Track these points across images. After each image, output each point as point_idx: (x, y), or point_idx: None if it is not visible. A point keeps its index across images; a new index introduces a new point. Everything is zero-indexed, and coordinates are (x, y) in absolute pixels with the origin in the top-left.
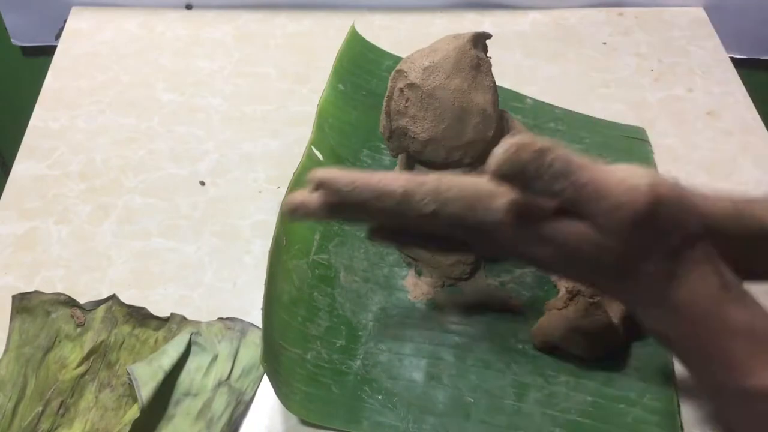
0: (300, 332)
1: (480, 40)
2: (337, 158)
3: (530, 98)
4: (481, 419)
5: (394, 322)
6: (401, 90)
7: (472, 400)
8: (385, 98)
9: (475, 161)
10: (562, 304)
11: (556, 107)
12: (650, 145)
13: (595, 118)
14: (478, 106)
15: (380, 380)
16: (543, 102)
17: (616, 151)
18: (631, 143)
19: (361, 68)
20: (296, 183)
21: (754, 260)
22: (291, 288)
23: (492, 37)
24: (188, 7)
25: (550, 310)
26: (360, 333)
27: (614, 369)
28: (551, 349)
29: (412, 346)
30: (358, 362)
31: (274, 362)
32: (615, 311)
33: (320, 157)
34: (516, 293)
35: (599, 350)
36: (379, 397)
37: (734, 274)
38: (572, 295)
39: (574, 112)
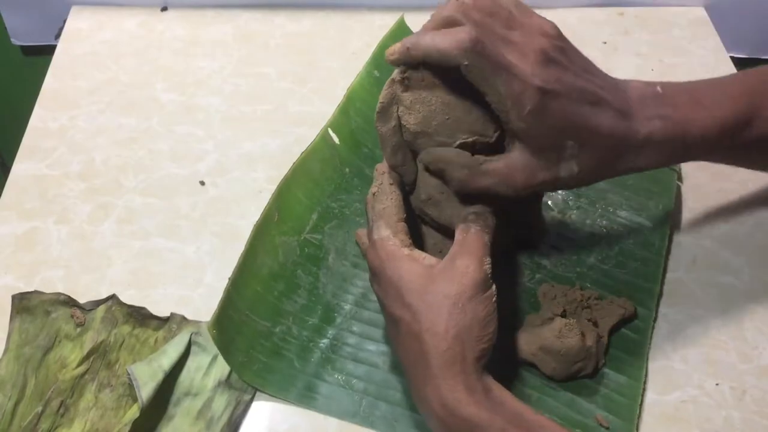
0: (273, 306)
1: None
2: (354, 142)
3: None
4: None
5: (372, 308)
6: (402, 79)
7: None
8: (388, 81)
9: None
10: (539, 322)
11: None
12: (679, 174)
13: None
14: (478, 108)
15: (344, 362)
16: None
17: (637, 174)
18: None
19: None
20: (302, 164)
21: None
22: (274, 263)
23: None
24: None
25: (528, 325)
26: (335, 314)
27: (581, 392)
28: (523, 363)
29: (383, 333)
30: (327, 342)
31: (231, 331)
32: (590, 337)
33: (336, 140)
34: (500, 300)
35: (569, 373)
36: (338, 376)
37: None
38: (552, 315)
39: None
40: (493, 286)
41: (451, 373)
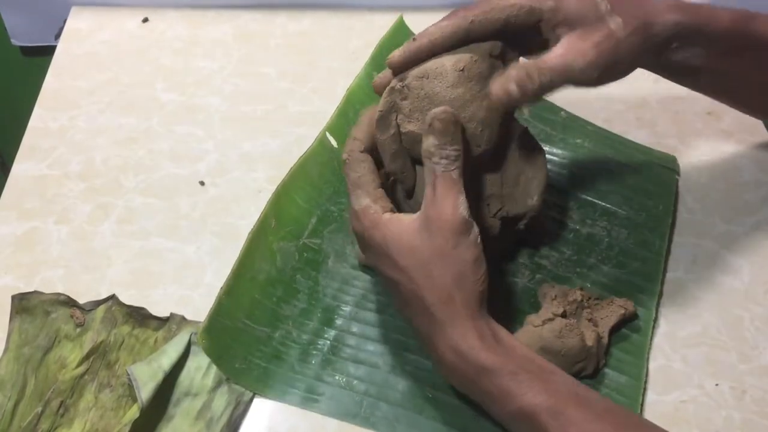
0: (272, 312)
1: (494, 53)
2: None
3: (565, 111)
4: (434, 416)
5: (372, 308)
6: (404, 86)
7: (430, 396)
8: (387, 90)
9: (467, 164)
10: (539, 322)
11: (590, 123)
12: (678, 175)
13: (628, 140)
14: (477, 118)
15: (344, 363)
16: (577, 116)
17: (637, 174)
18: (656, 169)
19: None
20: (300, 168)
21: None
22: (272, 269)
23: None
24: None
25: (528, 325)
26: (335, 317)
27: None
28: None
29: (384, 334)
30: (327, 343)
31: (225, 339)
32: (590, 337)
33: (334, 143)
34: (501, 300)
35: (570, 374)
36: (338, 378)
37: None
38: (552, 316)
39: (606, 130)
40: (474, 227)
41: (458, 321)
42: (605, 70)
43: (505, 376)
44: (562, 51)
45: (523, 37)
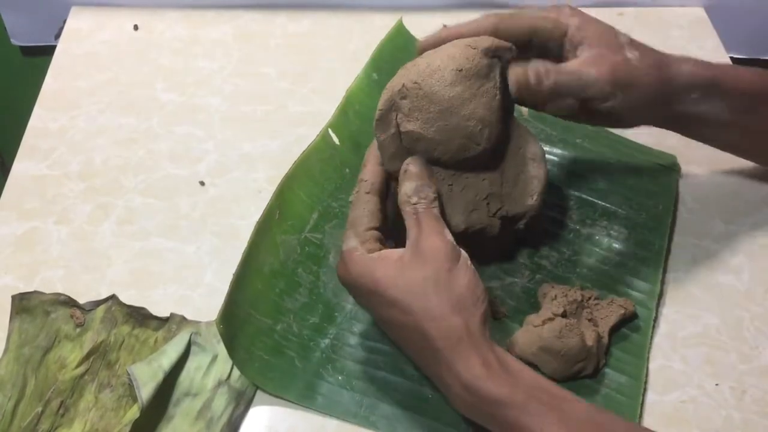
0: (274, 304)
1: (491, 51)
2: (354, 144)
3: None
4: (434, 416)
5: None
6: (403, 85)
7: (430, 396)
8: (388, 85)
9: (465, 164)
10: (539, 322)
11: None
12: (679, 174)
13: (628, 140)
14: (476, 116)
15: (344, 361)
16: None
17: (637, 174)
18: (656, 169)
19: (399, 61)
20: (303, 163)
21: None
22: (275, 261)
23: (496, 49)
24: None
25: (528, 325)
26: (336, 314)
27: (582, 392)
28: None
29: (384, 333)
30: (327, 341)
31: (235, 327)
32: (590, 337)
33: (336, 140)
34: (501, 300)
35: (570, 374)
36: (339, 377)
37: None
38: (552, 316)
39: (606, 130)
40: (462, 252)
41: (462, 351)
42: (620, 93)
43: (515, 409)
44: (579, 62)
45: (545, 49)
